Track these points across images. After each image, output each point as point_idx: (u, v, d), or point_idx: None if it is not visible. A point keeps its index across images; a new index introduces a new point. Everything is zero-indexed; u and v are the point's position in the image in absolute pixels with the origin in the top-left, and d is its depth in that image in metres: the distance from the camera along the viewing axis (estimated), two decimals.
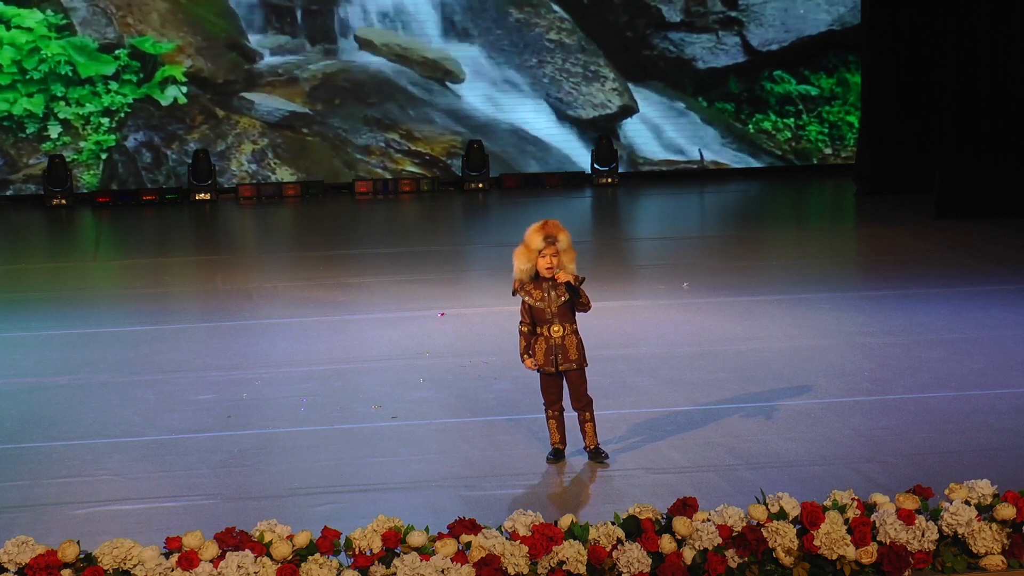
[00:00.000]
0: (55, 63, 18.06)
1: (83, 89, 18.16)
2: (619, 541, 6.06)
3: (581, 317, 7.55)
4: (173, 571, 5.82)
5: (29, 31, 18.02)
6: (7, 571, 5.81)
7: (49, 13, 18.07)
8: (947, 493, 6.36)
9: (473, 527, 6.08)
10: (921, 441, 7.88)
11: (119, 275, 14.03)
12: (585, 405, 7.54)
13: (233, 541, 5.92)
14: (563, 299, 7.40)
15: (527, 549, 5.97)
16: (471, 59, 18.92)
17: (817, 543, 6.08)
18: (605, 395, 8.35)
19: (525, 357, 7.51)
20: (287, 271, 13.59)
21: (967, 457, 7.55)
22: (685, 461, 7.61)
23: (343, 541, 6.01)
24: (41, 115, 18.12)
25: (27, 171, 18.23)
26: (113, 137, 18.29)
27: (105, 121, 18.27)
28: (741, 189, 18.58)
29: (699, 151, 19.33)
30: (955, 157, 15.70)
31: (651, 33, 19.25)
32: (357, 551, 5.95)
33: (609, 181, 18.72)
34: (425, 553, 5.93)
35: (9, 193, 18.19)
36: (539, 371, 7.52)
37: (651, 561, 6.01)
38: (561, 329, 7.42)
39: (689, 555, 6.05)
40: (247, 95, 18.63)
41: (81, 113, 18.19)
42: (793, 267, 13.33)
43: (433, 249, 14.63)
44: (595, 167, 18.81)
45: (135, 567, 5.83)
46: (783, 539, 6.07)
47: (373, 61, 18.80)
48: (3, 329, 11.09)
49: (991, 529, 6.20)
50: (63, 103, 18.15)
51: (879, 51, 17.08)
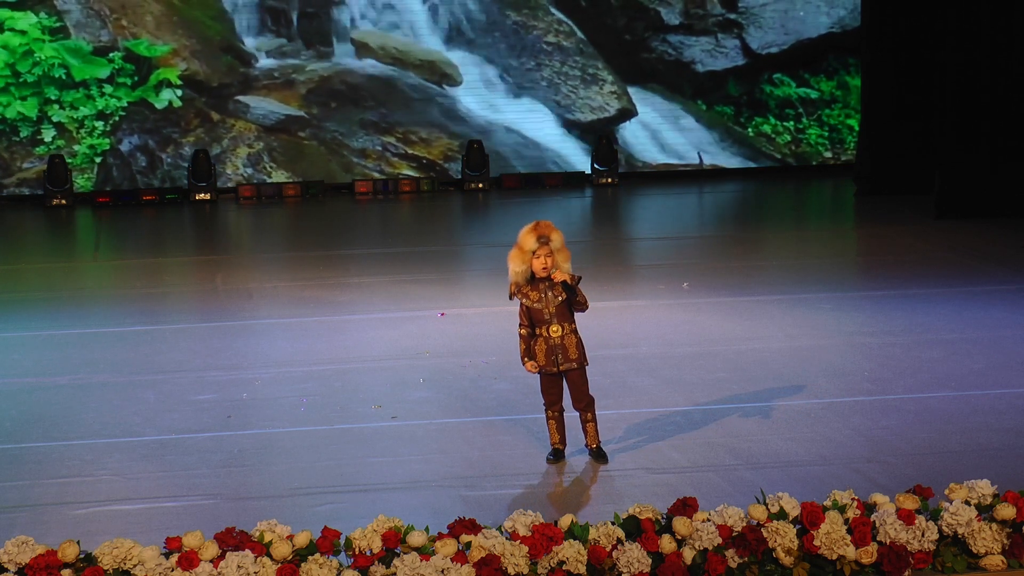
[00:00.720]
0: (49, 66, 17.96)
1: (77, 92, 18.06)
2: (619, 541, 6.06)
3: (581, 317, 7.54)
4: (173, 571, 5.83)
5: (23, 34, 17.91)
6: (7, 571, 5.81)
7: (43, 16, 17.97)
8: (947, 493, 6.36)
9: (473, 527, 6.08)
10: (921, 441, 7.88)
11: (119, 275, 14.02)
12: (587, 405, 7.53)
13: (233, 541, 5.93)
14: (560, 299, 7.39)
15: (527, 549, 5.97)
16: (469, 62, 18.89)
17: (817, 543, 6.08)
18: (605, 395, 8.35)
19: (526, 360, 7.50)
20: (287, 271, 13.58)
21: (967, 457, 7.56)
22: (685, 461, 7.61)
23: (343, 541, 6.02)
24: (35, 118, 18.02)
25: (21, 175, 18.14)
26: (107, 141, 18.20)
27: (99, 124, 18.17)
28: (741, 189, 18.57)
29: (699, 154, 19.31)
30: (955, 157, 15.69)
31: (650, 36, 19.21)
32: (357, 551, 5.95)
33: (609, 181, 18.70)
34: (425, 553, 5.94)
35: (4, 194, 18.13)
36: (540, 372, 7.52)
37: (651, 561, 6.01)
38: (560, 329, 7.42)
39: (689, 555, 6.05)
40: (242, 98, 18.57)
41: (75, 116, 18.09)
42: (793, 267, 13.32)
43: (433, 249, 14.62)
44: (595, 167, 18.80)
45: (135, 567, 5.83)
46: (783, 539, 6.07)
47: (369, 64, 18.77)
48: (3, 329, 11.08)
49: (991, 529, 6.20)
50: (57, 106, 18.05)
51: (879, 52, 17.08)
